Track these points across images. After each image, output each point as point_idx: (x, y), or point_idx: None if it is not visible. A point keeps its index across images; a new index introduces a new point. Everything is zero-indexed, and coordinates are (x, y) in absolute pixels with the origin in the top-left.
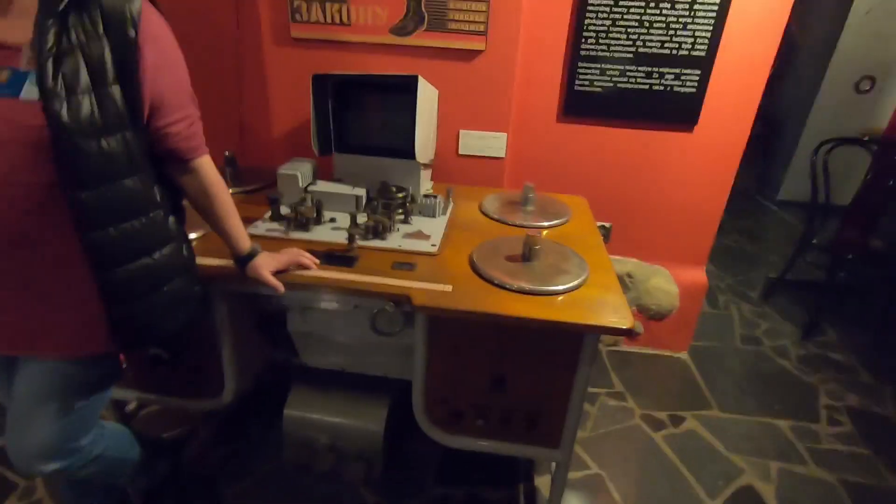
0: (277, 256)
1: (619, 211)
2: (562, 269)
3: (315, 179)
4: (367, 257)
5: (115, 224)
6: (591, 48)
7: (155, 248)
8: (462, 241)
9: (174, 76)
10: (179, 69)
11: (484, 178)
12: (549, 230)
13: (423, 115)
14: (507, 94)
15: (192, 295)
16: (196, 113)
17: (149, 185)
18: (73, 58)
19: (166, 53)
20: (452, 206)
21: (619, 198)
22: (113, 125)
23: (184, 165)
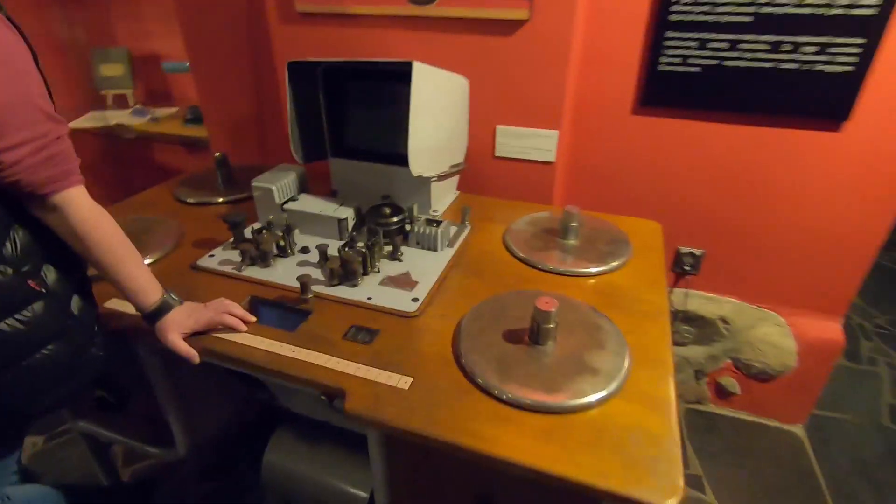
0: (198, 313)
1: (716, 234)
2: (588, 362)
3: (298, 193)
4: (323, 312)
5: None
6: (686, 10)
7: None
8: (459, 295)
9: (5, 85)
10: (14, 74)
11: (527, 190)
12: (597, 278)
13: (425, 112)
14: (559, 78)
15: (81, 362)
16: (54, 132)
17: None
18: None
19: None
20: (468, 232)
21: (718, 217)
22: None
23: (41, 202)
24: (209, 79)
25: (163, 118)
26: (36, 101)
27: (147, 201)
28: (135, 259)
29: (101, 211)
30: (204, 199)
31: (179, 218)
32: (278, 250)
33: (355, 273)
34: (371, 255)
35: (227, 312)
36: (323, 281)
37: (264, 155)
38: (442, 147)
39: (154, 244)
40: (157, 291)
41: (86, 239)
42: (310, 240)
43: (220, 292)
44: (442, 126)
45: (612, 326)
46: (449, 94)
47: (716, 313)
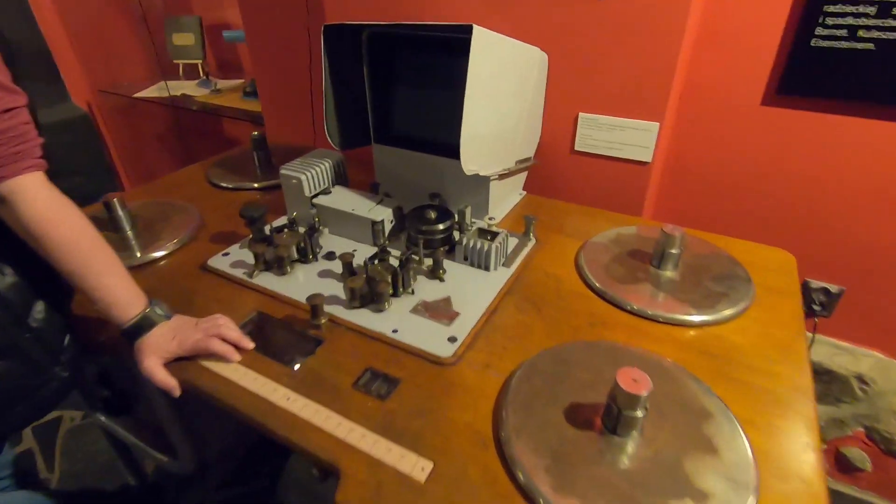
0: (183, 333)
1: (862, 267)
2: (692, 475)
3: (332, 185)
4: (336, 344)
5: None
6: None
7: None
8: (511, 337)
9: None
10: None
11: (612, 195)
12: (701, 329)
13: (486, 92)
14: (669, 54)
15: (41, 382)
16: (5, 102)
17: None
18: None
19: None
20: (532, 247)
21: (868, 245)
22: None
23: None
24: (263, 48)
25: (225, 90)
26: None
27: (178, 182)
28: (108, 264)
29: (65, 204)
30: (237, 184)
31: (210, 203)
32: (299, 254)
33: (382, 295)
34: (405, 273)
35: (218, 336)
36: (343, 301)
37: (317, 136)
38: (506, 138)
39: (169, 234)
40: (137, 304)
41: (42, 239)
42: (340, 243)
43: (226, 302)
44: (508, 110)
45: (725, 414)
46: (519, 71)
47: (850, 369)
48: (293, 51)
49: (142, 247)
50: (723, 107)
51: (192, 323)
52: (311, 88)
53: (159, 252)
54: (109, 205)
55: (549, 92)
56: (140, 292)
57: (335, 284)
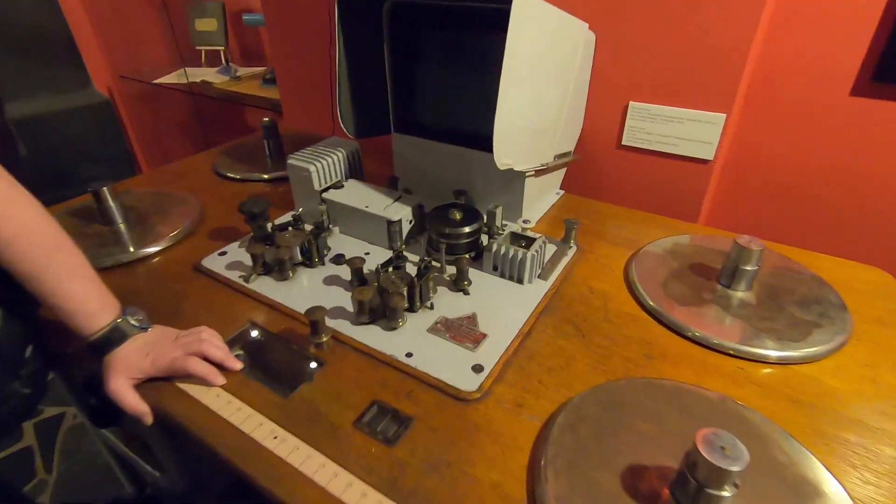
0: (159, 349)
1: None
2: None
3: (346, 178)
4: (338, 368)
5: None
6: None
7: None
8: (551, 366)
9: None
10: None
11: (664, 198)
12: (783, 368)
13: (524, 73)
14: (742, 34)
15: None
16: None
17: None
18: None
19: None
20: (573, 256)
21: None
22: None
23: None
24: (282, 31)
25: (245, 77)
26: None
27: (182, 171)
28: (71, 265)
29: (15, 195)
30: (245, 175)
31: (213, 195)
32: (303, 257)
33: (396, 310)
34: (424, 284)
35: (199, 354)
36: (350, 314)
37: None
38: (545, 128)
39: (164, 229)
40: (106, 312)
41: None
42: (350, 245)
43: (218, 310)
44: (548, 97)
45: (837, 492)
46: (563, 50)
47: None
48: (313, 34)
49: (133, 241)
50: (802, 96)
51: (171, 337)
52: (331, 75)
53: (150, 248)
54: (98, 195)
55: (594, 77)
56: (111, 298)
57: (343, 294)
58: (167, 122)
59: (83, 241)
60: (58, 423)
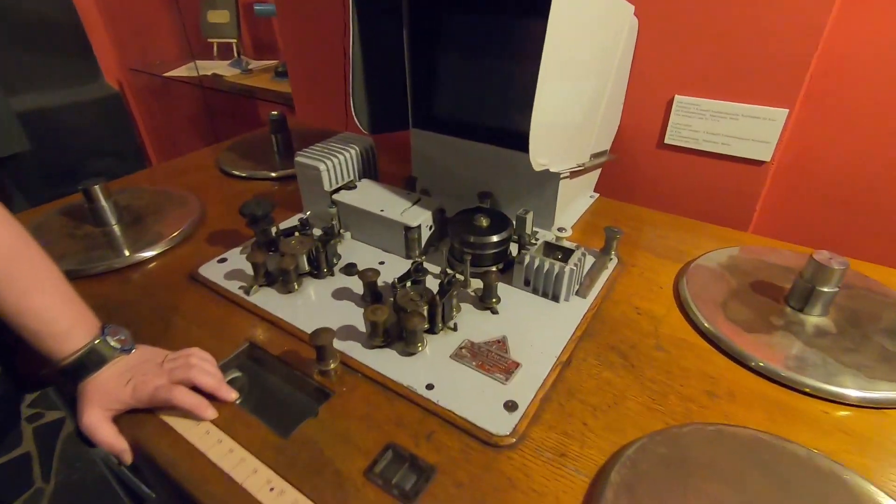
0: (141, 376)
1: None
2: None
3: (359, 178)
4: (346, 402)
5: None
6: None
7: None
8: (596, 404)
9: None
10: None
11: (710, 204)
12: (872, 413)
13: (565, 64)
14: (816, 18)
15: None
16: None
17: None
18: None
19: None
20: (614, 268)
21: None
22: None
23: None
24: (293, 21)
25: (256, 71)
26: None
27: (184, 168)
28: (39, 279)
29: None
30: (251, 172)
31: (216, 194)
32: (310, 266)
33: (415, 334)
34: (447, 301)
35: (187, 382)
36: (362, 336)
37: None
38: (583, 124)
39: (160, 231)
40: (82, 332)
41: None
42: (363, 253)
43: (210, 326)
44: (588, 90)
45: None
46: (605, 37)
47: None
48: (327, 24)
49: (126, 245)
50: (878, 86)
51: (157, 360)
52: (345, 67)
53: (145, 253)
54: (89, 193)
55: (635, 67)
56: (88, 316)
57: (355, 310)
58: (178, 116)
59: (71, 244)
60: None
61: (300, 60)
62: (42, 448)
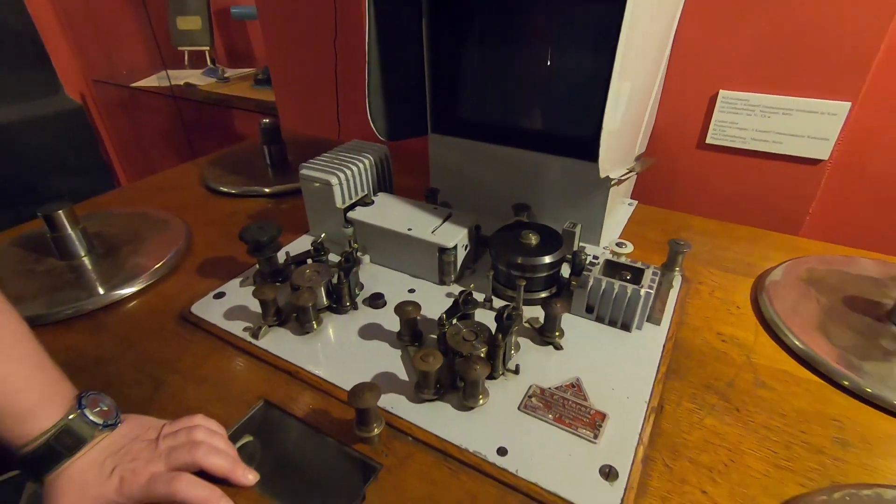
0: (130, 465)
1: None
2: None
3: (374, 192)
4: (399, 474)
5: None
6: None
7: None
8: (711, 466)
9: None
10: None
11: (758, 208)
12: None
13: (638, 55)
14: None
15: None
16: None
17: None
18: None
19: None
20: (680, 288)
21: None
22: None
23: None
24: (277, 22)
25: (234, 79)
26: None
27: (167, 184)
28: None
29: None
30: (242, 189)
31: (203, 215)
32: (329, 300)
33: (477, 384)
34: (507, 340)
35: (192, 466)
36: (405, 385)
37: (342, 128)
38: (636, 123)
39: (141, 262)
40: (51, 406)
41: None
42: (387, 279)
43: (212, 382)
44: (646, 85)
45: None
46: (665, 22)
47: None
48: (315, 25)
49: (99, 281)
50: None
51: (151, 436)
52: (335, 70)
53: (122, 290)
54: (52, 219)
55: (673, 58)
56: (61, 385)
57: (389, 352)
58: (148, 129)
59: (30, 283)
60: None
61: (285, 66)
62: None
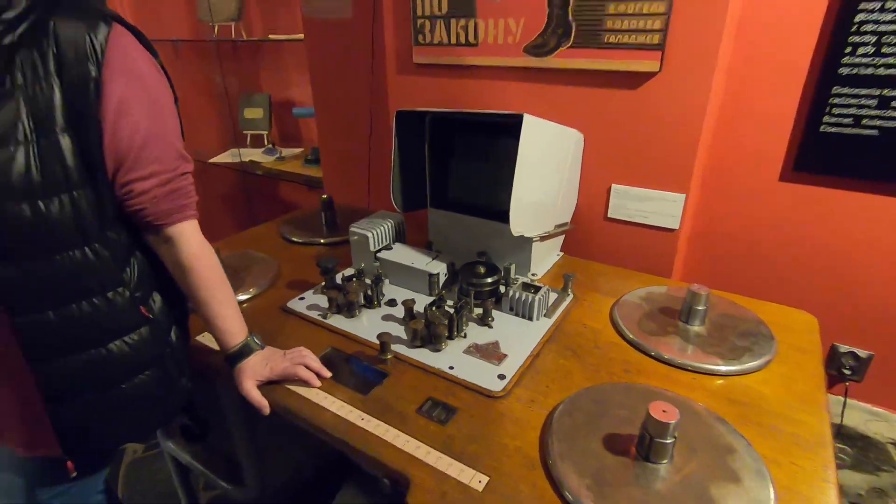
0: (275, 361)
1: (891, 333)
2: (717, 499)
3: (393, 242)
4: (400, 377)
5: (55, 307)
6: (863, 63)
7: (110, 337)
8: (553, 378)
9: (147, 119)
10: (157, 111)
11: (643, 258)
12: (726, 379)
13: (531, 168)
14: (691, 136)
15: (171, 392)
16: (181, 168)
17: (108, 258)
18: (12, 103)
19: (139, 92)
20: (570, 302)
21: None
22: (56, 184)
23: (156, 232)
24: (329, 123)
25: (288, 157)
26: (171, 139)
27: (255, 237)
28: (229, 298)
29: (209, 247)
30: (306, 239)
31: (282, 255)
32: (365, 301)
33: (440, 337)
34: (459, 318)
35: (303, 364)
36: (405, 340)
37: (371, 199)
38: (547, 205)
39: (251, 281)
40: (241, 333)
41: (190, 272)
42: (399, 292)
43: (304, 339)
44: (549, 183)
45: (749, 451)
46: (560, 149)
47: (885, 435)
48: (356, 126)
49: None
50: (745, 180)
51: (281, 353)
52: (369, 158)
53: (245, 295)
54: None
55: (585, 166)
56: (244, 325)
57: (397, 327)
58: (214, 196)
59: None
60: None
61: (332, 150)
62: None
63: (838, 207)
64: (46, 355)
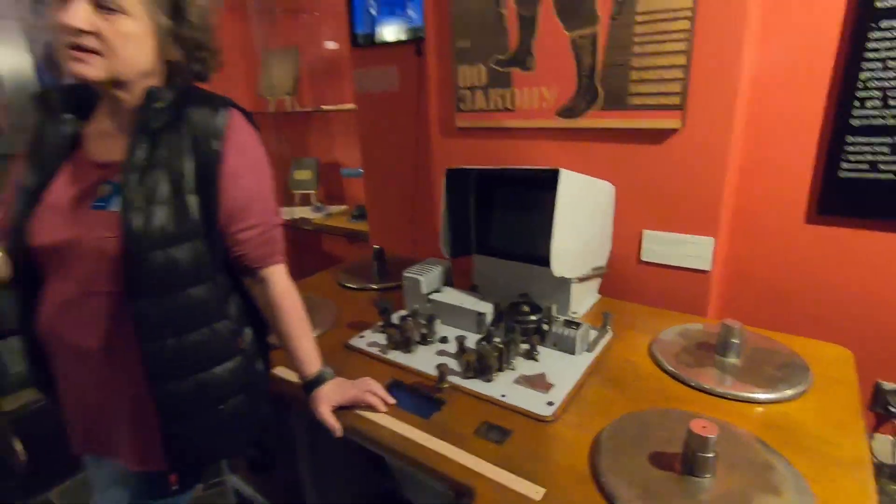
0: (345, 389)
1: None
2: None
3: (442, 286)
4: (456, 404)
5: (175, 336)
6: (873, 115)
7: (215, 363)
8: (597, 406)
9: (253, 182)
10: (260, 176)
11: (677, 299)
12: (765, 406)
13: (569, 216)
14: (715, 186)
15: (256, 415)
16: (274, 221)
17: (217, 296)
18: (158, 172)
19: (248, 160)
20: (609, 338)
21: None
22: (186, 233)
23: (253, 274)
24: (377, 181)
25: (335, 214)
26: (270, 195)
27: (315, 284)
28: (308, 332)
29: (293, 287)
30: (361, 285)
31: (339, 300)
32: (420, 338)
33: (490, 368)
34: (507, 352)
35: (370, 391)
36: (458, 372)
37: (414, 249)
38: (584, 249)
39: (317, 322)
40: (317, 363)
41: (279, 308)
42: (449, 331)
43: (366, 372)
44: (585, 229)
45: (788, 469)
46: (593, 199)
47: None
48: (401, 184)
49: None
50: (773, 224)
51: (350, 382)
52: (412, 212)
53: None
54: None
55: (617, 213)
56: (320, 356)
57: (450, 361)
58: None
59: None
60: None
61: (378, 207)
62: None
63: (866, 247)
64: (166, 377)
